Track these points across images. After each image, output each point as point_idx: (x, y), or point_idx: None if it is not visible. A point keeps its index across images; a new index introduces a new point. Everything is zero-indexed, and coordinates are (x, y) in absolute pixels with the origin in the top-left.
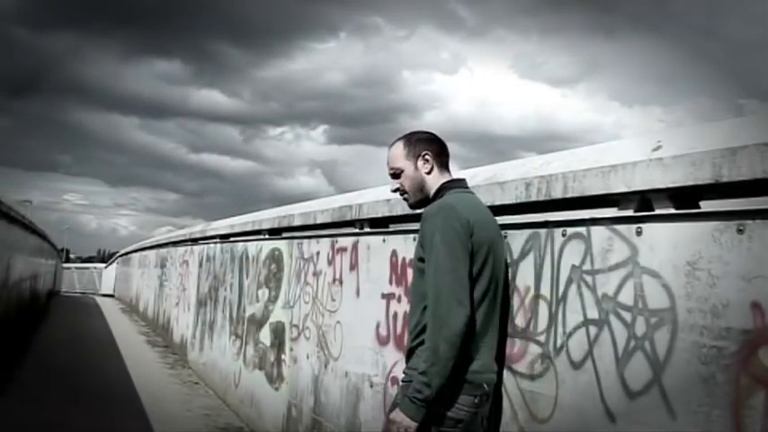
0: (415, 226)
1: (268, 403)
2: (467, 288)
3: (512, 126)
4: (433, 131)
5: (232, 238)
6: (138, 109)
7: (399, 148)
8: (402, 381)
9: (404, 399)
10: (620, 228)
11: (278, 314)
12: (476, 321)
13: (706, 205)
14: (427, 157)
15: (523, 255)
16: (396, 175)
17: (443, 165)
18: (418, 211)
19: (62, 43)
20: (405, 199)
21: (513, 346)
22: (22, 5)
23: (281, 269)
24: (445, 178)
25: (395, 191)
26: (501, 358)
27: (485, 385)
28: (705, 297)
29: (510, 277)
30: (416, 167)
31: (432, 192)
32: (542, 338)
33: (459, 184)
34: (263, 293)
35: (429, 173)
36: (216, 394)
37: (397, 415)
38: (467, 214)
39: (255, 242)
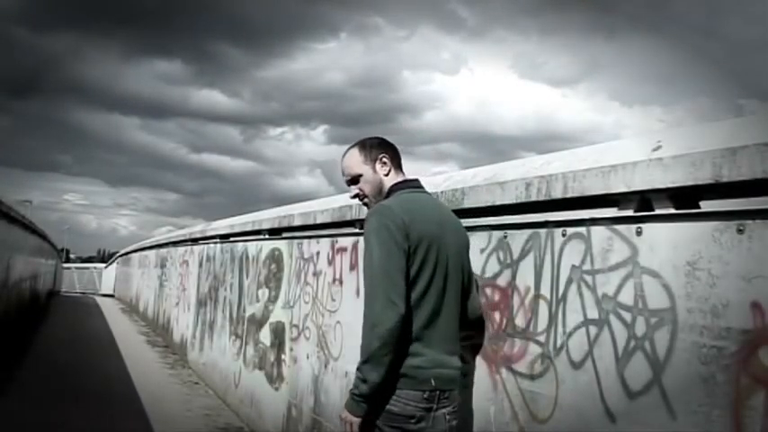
0: None
1: (268, 403)
2: (400, 287)
3: (512, 126)
4: (383, 136)
5: (232, 238)
6: (138, 109)
7: (355, 155)
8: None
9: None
10: (620, 228)
11: (278, 314)
12: (416, 317)
13: (706, 205)
14: (384, 159)
15: (523, 255)
16: (353, 180)
17: (398, 167)
18: None
19: (63, 43)
20: (365, 204)
21: (513, 346)
22: (22, 6)
23: (281, 269)
24: (399, 179)
25: (354, 197)
26: (474, 350)
27: (432, 380)
28: (705, 297)
29: (510, 277)
30: (375, 171)
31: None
32: (542, 338)
33: (408, 184)
34: (263, 293)
35: (387, 175)
36: (216, 394)
37: (342, 411)
38: (403, 213)
39: (255, 242)
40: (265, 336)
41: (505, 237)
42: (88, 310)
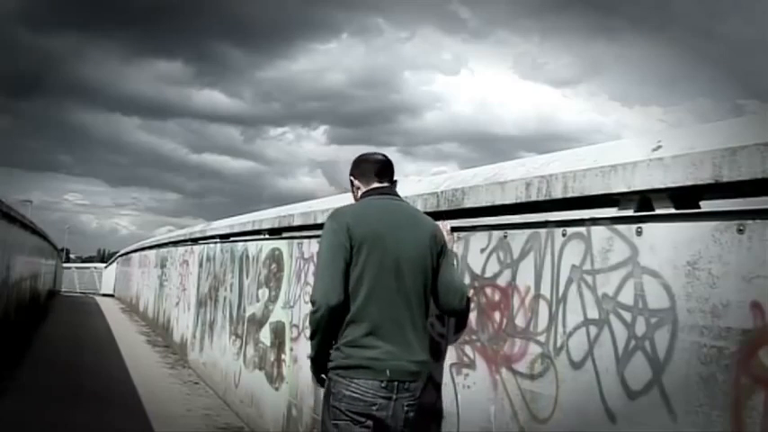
0: None
1: (268, 403)
2: (338, 281)
3: (512, 126)
4: (363, 152)
5: (232, 238)
6: (139, 109)
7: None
8: None
9: None
10: (621, 228)
11: (278, 314)
12: (366, 312)
13: (706, 205)
14: (351, 179)
15: (524, 255)
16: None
17: (369, 179)
18: None
19: (64, 44)
20: None
21: (514, 346)
22: (24, 6)
23: (282, 269)
24: (369, 188)
25: None
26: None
27: (387, 371)
28: (705, 297)
29: (510, 277)
30: (352, 189)
31: None
32: (542, 338)
33: (374, 191)
34: (263, 293)
35: (359, 188)
36: (216, 394)
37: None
38: (349, 217)
39: (255, 242)
40: (265, 336)
41: (505, 237)
42: (88, 309)
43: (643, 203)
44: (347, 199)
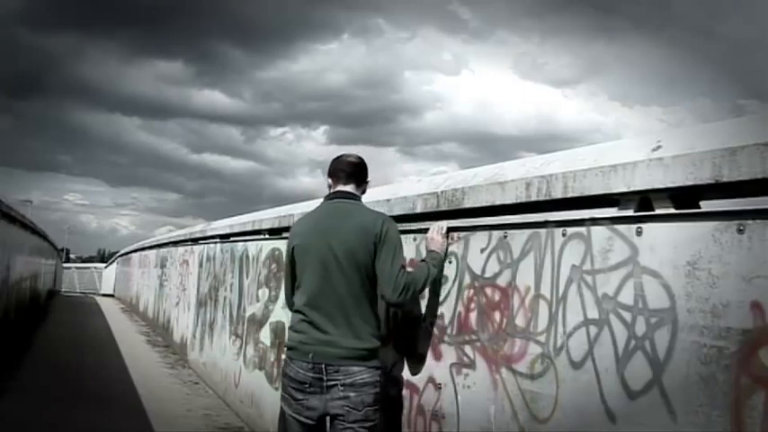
0: (415, 226)
1: (268, 403)
2: (289, 289)
3: (512, 126)
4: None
5: (232, 238)
6: (139, 109)
7: None
8: None
9: None
10: (621, 228)
11: (278, 314)
12: (300, 304)
13: (706, 205)
14: (329, 183)
15: (524, 254)
16: None
17: (336, 180)
18: None
19: (64, 44)
20: None
21: (514, 346)
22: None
23: (282, 269)
24: (332, 190)
25: None
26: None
27: (311, 354)
28: (705, 297)
29: (510, 277)
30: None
31: None
32: (542, 338)
33: (331, 195)
34: (264, 293)
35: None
36: (216, 394)
37: None
38: (294, 229)
39: (255, 242)
40: (265, 335)
41: (505, 236)
42: (88, 309)
43: (643, 203)
44: None
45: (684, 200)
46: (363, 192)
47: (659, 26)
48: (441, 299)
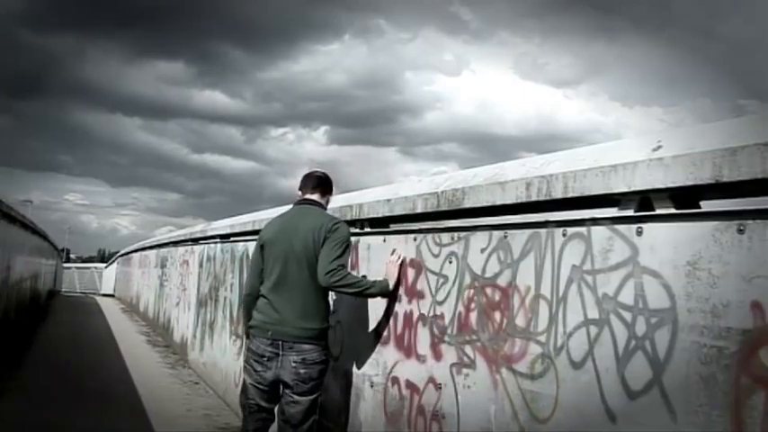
0: (415, 226)
1: None
2: (252, 276)
3: (513, 126)
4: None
5: (232, 238)
6: (140, 109)
7: None
8: None
9: None
10: (621, 228)
11: None
12: (265, 290)
13: (706, 205)
14: (298, 193)
15: (524, 254)
16: None
17: (303, 192)
18: None
19: (65, 44)
20: None
21: (514, 346)
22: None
23: None
24: (299, 198)
25: None
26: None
27: (269, 332)
28: (705, 297)
29: (511, 277)
30: None
31: None
32: (543, 338)
33: (298, 201)
34: None
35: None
36: (216, 394)
37: None
38: (266, 227)
39: (256, 242)
40: None
41: (506, 237)
42: (88, 309)
43: (643, 203)
44: (346, 199)
45: (685, 200)
46: (327, 202)
47: (659, 26)
48: (441, 299)
